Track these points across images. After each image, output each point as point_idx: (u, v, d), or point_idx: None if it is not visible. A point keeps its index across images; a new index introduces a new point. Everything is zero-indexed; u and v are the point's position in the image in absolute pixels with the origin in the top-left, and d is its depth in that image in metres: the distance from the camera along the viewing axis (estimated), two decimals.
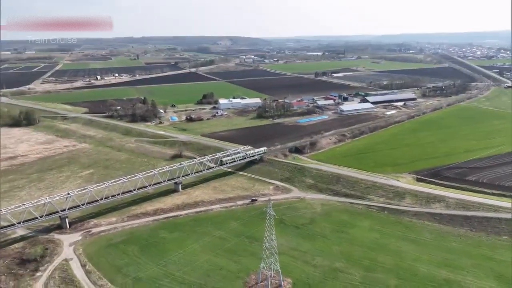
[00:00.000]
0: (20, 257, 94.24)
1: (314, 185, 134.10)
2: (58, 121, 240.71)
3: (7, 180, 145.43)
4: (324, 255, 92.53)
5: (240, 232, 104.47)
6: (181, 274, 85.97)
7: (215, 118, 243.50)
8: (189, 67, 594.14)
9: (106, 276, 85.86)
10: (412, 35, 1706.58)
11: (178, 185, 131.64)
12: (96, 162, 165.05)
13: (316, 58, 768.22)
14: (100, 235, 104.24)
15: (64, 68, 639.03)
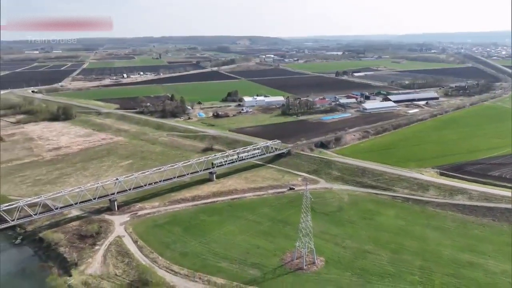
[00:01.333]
0: (78, 233, 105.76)
1: (340, 177, 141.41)
2: (93, 116, 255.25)
3: (55, 168, 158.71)
4: (353, 239, 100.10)
5: (273, 217, 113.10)
6: (223, 251, 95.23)
7: (241, 115, 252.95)
8: (211, 66, 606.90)
9: (156, 250, 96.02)
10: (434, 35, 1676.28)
11: (212, 175, 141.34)
12: (133, 153, 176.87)
13: (336, 58, 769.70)
14: (146, 217, 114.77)
15: (91, 66, 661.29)
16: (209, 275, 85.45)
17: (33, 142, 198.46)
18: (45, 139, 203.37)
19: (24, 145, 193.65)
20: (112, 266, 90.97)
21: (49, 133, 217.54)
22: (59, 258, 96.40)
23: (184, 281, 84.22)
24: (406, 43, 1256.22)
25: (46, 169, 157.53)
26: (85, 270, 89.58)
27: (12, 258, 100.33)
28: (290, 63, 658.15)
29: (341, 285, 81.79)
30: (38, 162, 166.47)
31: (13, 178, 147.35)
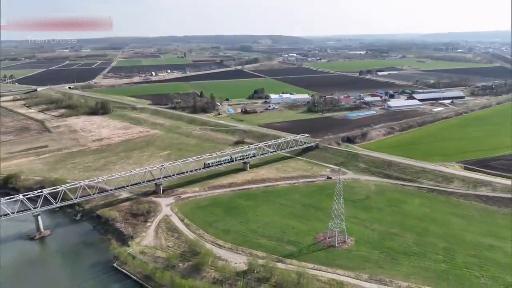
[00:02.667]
0: (130, 211, 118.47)
1: (367, 169, 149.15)
2: (128, 110, 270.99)
3: (101, 156, 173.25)
4: (380, 223, 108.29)
5: (304, 202, 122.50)
6: (261, 230, 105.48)
7: (268, 111, 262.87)
8: (234, 65, 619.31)
9: (201, 228, 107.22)
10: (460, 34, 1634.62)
11: (246, 165, 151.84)
12: (170, 145, 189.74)
13: (359, 57, 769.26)
14: (189, 199, 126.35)
15: (119, 65, 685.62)
16: (250, 248, 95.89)
17: (77, 133, 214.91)
18: (87, 131, 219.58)
19: (70, 136, 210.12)
20: (163, 239, 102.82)
21: (90, 125, 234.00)
22: (116, 232, 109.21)
23: (229, 253, 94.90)
24: (431, 42, 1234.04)
25: (92, 157, 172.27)
26: (141, 242, 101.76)
27: (74, 231, 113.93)
28: (313, 62, 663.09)
29: (370, 260, 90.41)
30: (85, 151, 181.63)
31: (65, 164, 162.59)
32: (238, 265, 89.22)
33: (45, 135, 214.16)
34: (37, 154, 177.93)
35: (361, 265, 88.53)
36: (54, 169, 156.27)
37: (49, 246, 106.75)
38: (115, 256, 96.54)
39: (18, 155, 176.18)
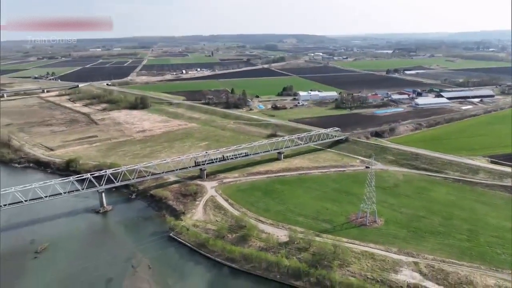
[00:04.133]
0: (180, 192, 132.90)
1: (395, 160, 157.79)
2: (165, 105, 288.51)
3: (146, 146, 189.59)
4: (408, 207, 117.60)
5: (337, 188, 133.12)
6: (298, 210, 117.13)
7: (297, 108, 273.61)
8: (261, 63, 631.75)
9: (244, 206, 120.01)
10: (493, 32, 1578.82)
11: (280, 155, 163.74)
12: (207, 137, 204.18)
13: (386, 56, 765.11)
14: (230, 183, 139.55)
15: (150, 63, 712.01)
16: (289, 224, 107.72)
17: (121, 125, 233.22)
18: (130, 124, 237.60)
19: (115, 127, 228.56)
20: (212, 215, 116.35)
21: (132, 119, 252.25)
22: (169, 209, 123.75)
23: (270, 227, 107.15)
24: (462, 41, 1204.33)
25: (139, 146, 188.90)
26: (192, 217, 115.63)
27: (132, 208, 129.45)
28: (339, 61, 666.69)
29: (398, 237, 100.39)
30: (131, 141, 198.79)
31: (116, 152, 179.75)
32: (280, 237, 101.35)
33: (93, 127, 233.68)
34: (89, 142, 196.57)
35: (390, 241, 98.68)
36: (107, 155, 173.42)
37: (113, 218, 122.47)
38: (171, 228, 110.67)
39: (73, 143, 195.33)
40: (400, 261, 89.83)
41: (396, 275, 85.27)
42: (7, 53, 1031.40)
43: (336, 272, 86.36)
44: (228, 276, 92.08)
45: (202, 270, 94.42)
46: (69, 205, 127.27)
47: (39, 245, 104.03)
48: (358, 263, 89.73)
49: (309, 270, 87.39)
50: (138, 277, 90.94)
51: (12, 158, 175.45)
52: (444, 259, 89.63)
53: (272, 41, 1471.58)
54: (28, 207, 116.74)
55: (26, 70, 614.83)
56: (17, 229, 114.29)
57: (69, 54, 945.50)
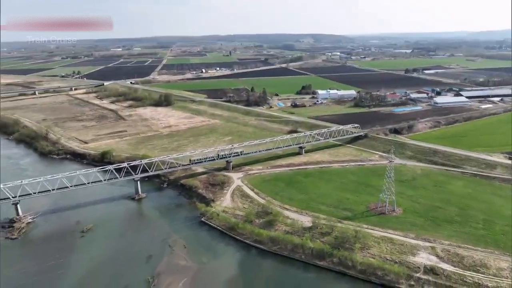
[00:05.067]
0: (208, 182, 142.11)
1: (414, 156, 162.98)
2: (188, 103, 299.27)
3: (173, 140, 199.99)
4: (426, 198, 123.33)
5: (356, 180, 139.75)
6: (320, 199, 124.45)
7: (316, 106, 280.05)
8: (279, 63, 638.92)
9: (269, 195, 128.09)
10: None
11: (302, 149, 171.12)
12: (230, 132, 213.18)
13: (405, 56, 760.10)
14: (255, 175, 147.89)
15: (169, 62, 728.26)
16: (312, 212, 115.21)
17: (148, 121, 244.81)
18: (156, 119, 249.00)
19: (142, 123, 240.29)
20: (239, 202, 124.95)
21: (157, 115, 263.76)
22: (199, 196, 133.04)
23: (295, 214, 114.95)
24: (483, 40, 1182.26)
25: (166, 140, 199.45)
26: (221, 204, 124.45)
27: (164, 196, 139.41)
28: (357, 61, 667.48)
29: (416, 225, 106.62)
30: (159, 136, 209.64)
31: (145, 145, 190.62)
32: (304, 223, 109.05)
33: (121, 122, 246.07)
34: (119, 136, 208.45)
35: (409, 228, 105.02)
36: (137, 148, 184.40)
37: (147, 204, 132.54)
38: (202, 213, 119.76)
39: (104, 137, 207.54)
40: (418, 245, 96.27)
41: (414, 258, 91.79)
42: (32, 53, 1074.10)
43: (357, 254, 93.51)
44: (257, 256, 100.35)
45: (232, 250, 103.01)
46: (107, 192, 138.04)
47: (84, 225, 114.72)
48: (377, 247, 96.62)
49: (332, 251, 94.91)
50: (175, 254, 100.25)
51: (50, 150, 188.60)
52: (460, 245, 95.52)
53: (289, 40, 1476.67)
54: (71, 193, 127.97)
55: (52, 69, 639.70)
56: (63, 212, 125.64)
57: (91, 54, 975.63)
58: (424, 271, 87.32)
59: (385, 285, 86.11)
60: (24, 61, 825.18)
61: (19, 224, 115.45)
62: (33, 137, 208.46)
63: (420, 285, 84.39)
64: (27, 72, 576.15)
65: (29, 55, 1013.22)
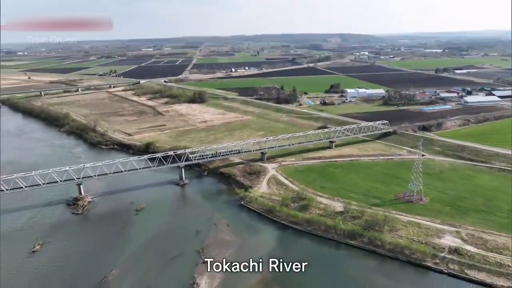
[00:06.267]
0: (245, 171, 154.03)
1: (442, 151, 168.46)
2: (220, 100, 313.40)
3: (210, 134, 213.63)
4: (452, 190, 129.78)
5: (385, 172, 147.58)
6: (350, 188, 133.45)
7: (345, 104, 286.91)
8: (306, 62, 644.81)
9: (302, 184, 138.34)
10: None
11: (332, 143, 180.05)
12: (263, 127, 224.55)
13: (435, 56, 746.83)
14: (288, 166, 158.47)
15: (199, 62, 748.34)
16: (344, 199, 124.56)
17: (185, 116, 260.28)
18: (192, 115, 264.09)
19: (180, 118, 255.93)
20: (275, 189, 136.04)
21: (192, 111, 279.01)
22: (237, 183, 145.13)
23: (327, 200, 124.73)
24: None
25: (204, 134, 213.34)
26: (258, 190, 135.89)
27: (205, 182, 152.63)
28: (385, 60, 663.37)
29: (442, 212, 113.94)
30: (196, 130, 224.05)
31: (185, 138, 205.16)
32: (336, 208, 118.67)
33: (160, 117, 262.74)
34: (160, 130, 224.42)
35: (435, 215, 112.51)
36: (177, 140, 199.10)
37: (191, 189, 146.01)
38: (241, 198, 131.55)
39: (146, 130, 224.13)
40: (443, 229, 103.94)
41: (439, 240, 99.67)
42: (69, 53, 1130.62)
43: (385, 235, 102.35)
44: (293, 235, 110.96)
45: (271, 229, 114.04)
46: (154, 178, 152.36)
47: (138, 205, 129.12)
48: (405, 229, 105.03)
49: (362, 232, 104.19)
50: (220, 231, 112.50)
51: (99, 141, 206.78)
52: (484, 230, 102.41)
53: (316, 40, 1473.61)
54: (123, 177, 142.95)
55: (89, 68, 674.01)
56: (118, 194, 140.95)
57: (124, 54, 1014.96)
58: (448, 251, 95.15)
59: (411, 263, 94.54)
60: (63, 61, 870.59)
61: (82, 202, 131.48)
62: (83, 129, 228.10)
63: (445, 263, 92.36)
64: (67, 71, 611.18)
65: (67, 55, 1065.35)
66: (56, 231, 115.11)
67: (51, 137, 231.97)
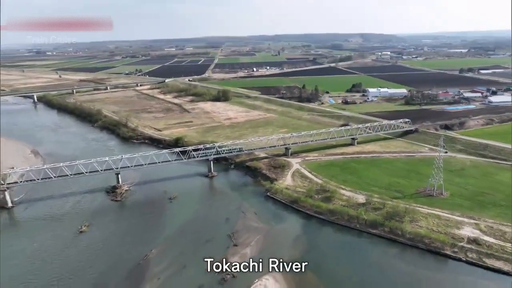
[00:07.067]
0: (270, 165, 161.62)
1: (464, 149, 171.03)
2: (243, 98, 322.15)
3: (235, 130, 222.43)
4: (473, 185, 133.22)
5: (406, 168, 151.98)
6: (372, 182, 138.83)
7: (367, 103, 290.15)
8: (328, 62, 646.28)
9: (325, 177, 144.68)
10: None
11: (354, 140, 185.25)
12: (285, 125, 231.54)
13: (460, 55, 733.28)
14: (312, 161, 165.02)
15: (221, 62, 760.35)
16: (366, 192, 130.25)
17: (210, 114, 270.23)
18: (217, 113, 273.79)
19: (205, 115, 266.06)
20: (299, 182, 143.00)
21: (217, 109, 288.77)
22: (263, 176, 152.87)
23: (350, 193, 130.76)
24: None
25: (229, 130, 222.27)
26: (283, 183, 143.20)
27: (232, 175, 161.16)
28: (408, 60, 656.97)
29: (462, 206, 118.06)
30: (221, 126, 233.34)
31: (211, 134, 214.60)
32: (359, 199, 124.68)
33: (186, 114, 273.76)
34: (187, 126, 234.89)
35: (455, 208, 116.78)
36: (205, 136, 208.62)
37: (219, 181, 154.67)
38: (267, 189, 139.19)
39: (174, 126, 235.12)
40: (462, 221, 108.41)
41: (458, 231, 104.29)
42: (95, 52, 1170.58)
43: (406, 225, 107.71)
44: (317, 223, 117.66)
45: (296, 218, 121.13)
46: (184, 170, 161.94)
47: (171, 194, 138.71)
48: (425, 220, 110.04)
49: (383, 222, 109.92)
50: (248, 218, 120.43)
51: (131, 136, 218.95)
52: (503, 223, 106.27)
53: (337, 40, 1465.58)
54: (155, 169, 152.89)
55: (115, 67, 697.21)
56: (151, 184, 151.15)
57: (148, 54, 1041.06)
58: (467, 241, 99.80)
59: (431, 251, 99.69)
60: (89, 60, 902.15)
61: (120, 190, 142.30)
62: (115, 124, 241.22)
63: (463, 252, 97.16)
64: (94, 70, 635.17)
65: (93, 54, 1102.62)
66: (98, 215, 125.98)
67: (85, 132, 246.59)
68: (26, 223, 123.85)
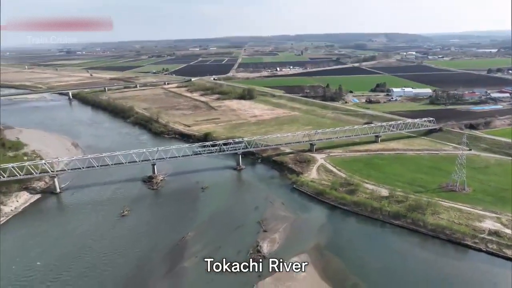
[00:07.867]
0: (296, 159, 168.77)
1: (489, 148, 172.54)
2: (268, 97, 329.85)
3: (261, 127, 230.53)
4: (497, 182, 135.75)
5: (429, 165, 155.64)
6: (395, 177, 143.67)
7: (390, 102, 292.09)
8: (351, 62, 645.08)
9: (349, 172, 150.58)
10: None
11: (377, 138, 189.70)
12: (310, 123, 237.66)
13: (489, 55, 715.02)
14: (336, 156, 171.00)
15: (244, 61, 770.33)
16: (389, 186, 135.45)
17: (236, 111, 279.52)
18: (243, 110, 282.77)
19: (232, 113, 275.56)
20: (324, 175, 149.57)
21: (242, 107, 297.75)
22: (289, 170, 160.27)
23: (373, 186, 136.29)
24: None
25: (255, 127, 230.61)
26: (309, 176, 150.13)
27: (259, 168, 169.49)
28: (434, 60, 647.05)
29: (484, 201, 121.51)
30: (247, 123, 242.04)
31: (238, 130, 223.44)
32: (382, 193, 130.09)
33: (213, 111, 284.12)
34: (215, 123, 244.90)
35: (477, 203, 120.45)
36: (232, 132, 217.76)
37: (247, 174, 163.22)
38: (293, 182, 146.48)
39: (202, 122, 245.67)
40: (484, 215, 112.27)
41: (480, 223, 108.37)
42: (122, 52, 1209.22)
43: (428, 217, 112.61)
44: (341, 214, 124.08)
45: (321, 208, 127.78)
46: (214, 163, 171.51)
47: (202, 184, 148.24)
48: (447, 213, 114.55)
49: (406, 214, 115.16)
50: (275, 208, 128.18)
51: (162, 131, 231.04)
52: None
53: (360, 40, 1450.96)
54: (187, 161, 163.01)
55: (142, 66, 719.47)
56: (184, 175, 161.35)
57: (173, 53, 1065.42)
58: (488, 233, 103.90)
59: (452, 241, 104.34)
60: (117, 59, 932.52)
61: (156, 179, 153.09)
62: (147, 120, 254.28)
63: (484, 243, 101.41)
64: (122, 69, 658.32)
65: (120, 54, 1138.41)
66: (137, 201, 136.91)
67: (118, 127, 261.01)
68: (73, 206, 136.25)
